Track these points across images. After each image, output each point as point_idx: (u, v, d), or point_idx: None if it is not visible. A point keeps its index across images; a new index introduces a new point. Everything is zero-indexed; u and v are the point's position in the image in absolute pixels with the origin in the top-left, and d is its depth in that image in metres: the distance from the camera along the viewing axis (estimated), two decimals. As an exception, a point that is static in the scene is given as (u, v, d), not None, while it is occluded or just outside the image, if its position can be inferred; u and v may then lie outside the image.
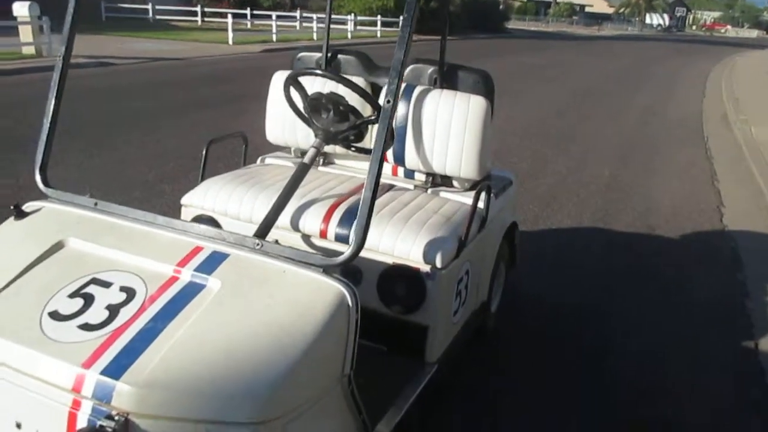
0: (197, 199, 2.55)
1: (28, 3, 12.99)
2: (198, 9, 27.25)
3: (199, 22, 27.04)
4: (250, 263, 1.62)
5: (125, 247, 1.68)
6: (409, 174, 2.83)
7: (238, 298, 1.52)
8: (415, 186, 2.77)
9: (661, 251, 4.58)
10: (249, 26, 26.05)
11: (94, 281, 1.58)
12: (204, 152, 2.68)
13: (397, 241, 2.26)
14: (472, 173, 2.64)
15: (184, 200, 2.58)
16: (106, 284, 1.57)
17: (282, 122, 2.86)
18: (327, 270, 1.57)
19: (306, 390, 1.47)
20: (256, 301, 1.51)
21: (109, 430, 1.29)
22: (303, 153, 3.00)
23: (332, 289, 1.54)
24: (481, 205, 2.53)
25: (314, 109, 2.31)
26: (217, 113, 8.27)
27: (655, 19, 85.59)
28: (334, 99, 2.28)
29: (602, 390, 2.85)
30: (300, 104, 2.45)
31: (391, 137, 2.14)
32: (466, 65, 2.79)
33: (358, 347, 1.60)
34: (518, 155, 7.04)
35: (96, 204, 1.83)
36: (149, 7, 26.29)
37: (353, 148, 2.48)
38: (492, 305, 3.05)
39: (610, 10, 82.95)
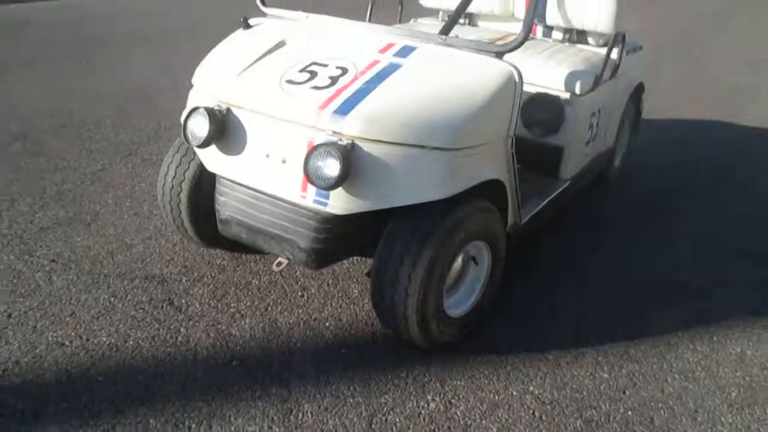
0: None
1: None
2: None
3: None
4: (436, 51, 2.03)
5: (334, 43, 2.15)
6: (547, 33, 3.13)
7: (431, 70, 1.95)
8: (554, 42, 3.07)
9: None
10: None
11: (315, 63, 2.06)
12: (369, 6, 3.11)
13: (541, 72, 2.60)
14: (607, 27, 2.90)
15: None
16: (325, 65, 2.04)
17: None
18: (499, 55, 1.96)
19: (482, 135, 1.90)
20: (445, 72, 1.94)
21: (342, 144, 1.76)
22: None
23: (505, 67, 1.93)
24: (614, 56, 2.81)
25: None
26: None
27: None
28: None
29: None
30: None
31: None
32: None
33: None
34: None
35: (307, 16, 2.31)
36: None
37: None
38: (615, 160, 3.35)
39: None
